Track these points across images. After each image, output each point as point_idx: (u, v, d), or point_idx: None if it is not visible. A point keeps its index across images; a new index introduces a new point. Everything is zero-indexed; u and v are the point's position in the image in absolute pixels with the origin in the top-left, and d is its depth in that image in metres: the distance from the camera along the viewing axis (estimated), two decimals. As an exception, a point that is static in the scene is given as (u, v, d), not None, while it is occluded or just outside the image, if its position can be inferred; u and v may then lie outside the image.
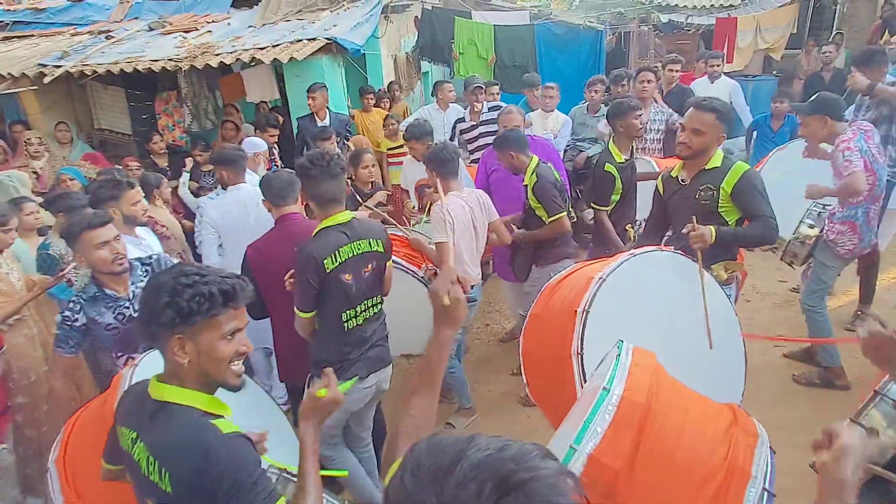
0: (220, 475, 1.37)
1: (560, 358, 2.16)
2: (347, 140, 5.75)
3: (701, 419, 1.48)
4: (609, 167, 3.67)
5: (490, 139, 5.06)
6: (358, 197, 4.22)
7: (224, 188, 3.74)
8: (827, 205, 3.63)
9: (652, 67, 5.30)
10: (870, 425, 1.65)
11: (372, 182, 4.44)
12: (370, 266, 2.56)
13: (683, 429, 1.48)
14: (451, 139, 5.46)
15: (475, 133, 5.36)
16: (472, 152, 5.36)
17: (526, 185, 3.57)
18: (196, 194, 5.30)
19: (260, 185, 2.96)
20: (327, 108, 5.79)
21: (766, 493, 1.33)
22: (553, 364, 2.24)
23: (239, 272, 1.81)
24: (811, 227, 3.56)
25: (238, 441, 1.44)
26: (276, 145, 5.56)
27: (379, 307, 2.71)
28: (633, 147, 3.86)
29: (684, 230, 2.62)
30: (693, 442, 1.38)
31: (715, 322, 2.46)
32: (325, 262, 2.42)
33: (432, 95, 6.46)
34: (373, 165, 4.30)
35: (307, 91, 5.70)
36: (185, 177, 5.56)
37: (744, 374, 2.57)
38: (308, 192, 2.53)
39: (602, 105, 5.57)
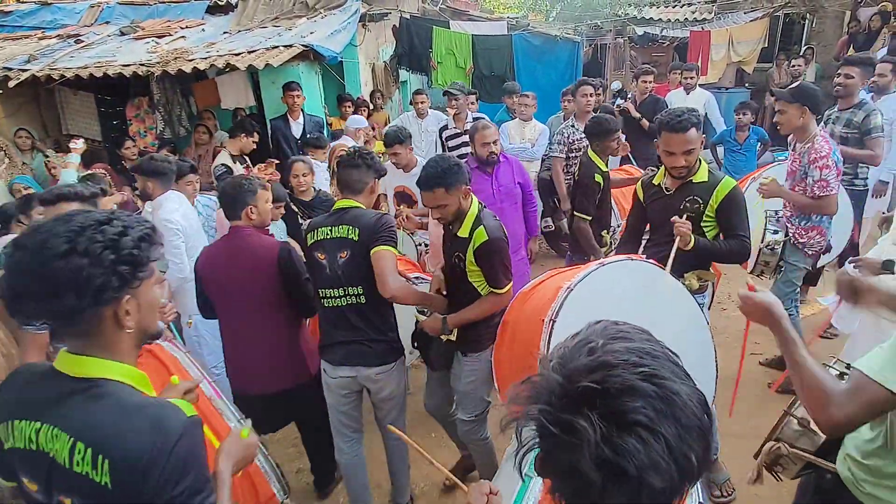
0: (180, 464, 1.15)
1: (528, 367, 2.15)
2: None
3: None
4: (598, 177, 3.74)
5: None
6: (294, 207, 4.13)
7: (143, 200, 3.60)
8: (778, 209, 3.59)
9: (591, 81, 5.30)
10: (803, 415, 1.73)
11: (310, 189, 4.30)
12: (345, 252, 2.57)
13: None
14: (443, 147, 5.42)
15: (459, 141, 5.34)
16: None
17: (463, 239, 2.59)
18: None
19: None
20: (301, 109, 5.74)
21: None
22: (522, 372, 2.22)
23: None
24: (775, 232, 3.57)
25: (199, 430, 1.24)
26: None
27: (362, 300, 2.60)
28: (607, 158, 3.92)
29: (672, 219, 2.67)
30: None
31: (685, 330, 2.49)
32: (308, 236, 2.67)
33: (410, 104, 6.44)
34: (304, 175, 4.18)
35: (285, 89, 5.67)
36: None
37: (715, 382, 2.59)
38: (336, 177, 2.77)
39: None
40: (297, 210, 4.18)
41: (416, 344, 2.88)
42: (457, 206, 2.55)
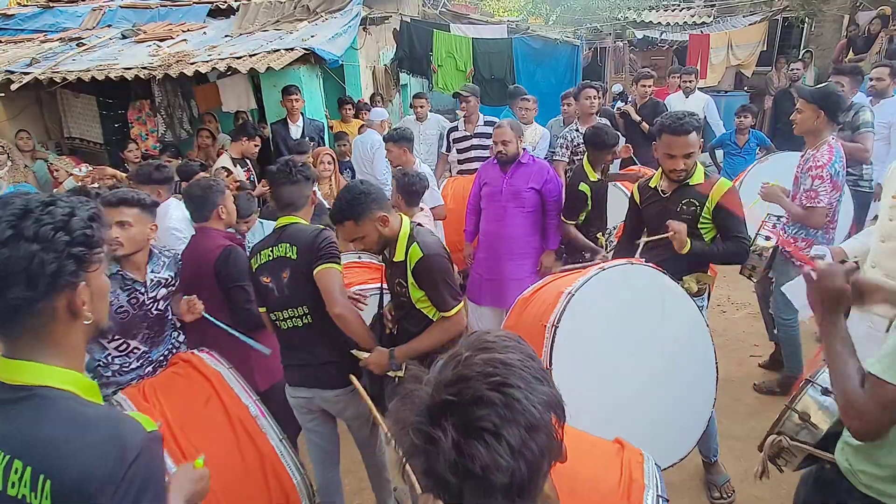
0: (135, 486, 1.01)
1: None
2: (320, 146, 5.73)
3: (590, 449, 1.60)
4: (583, 186, 3.76)
5: (483, 153, 5.08)
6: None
7: None
8: (781, 216, 3.54)
9: (594, 84, 5.22)
10: (802, 410, 1.80)
11: None
12: (286, 272, 2.43)
13: (576, 455, 1.56)
14: (448, 148, 5.43)
15: (467, 144, 5.35)
16: (461, 163, 5.36)
17: (400, 263, 2.41)
18: None
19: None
20: (301, 112, 5.77)
21: (660, 499, 1.51)
22: None
23: None
24: (767, 239, 3.54)
25: (159, 447, 1.12)
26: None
27: (310, 319, 2.45)
28: (606, 167, 3.92)
29: (667, 223, 2.68)
30: (589, 466, 1.51)
31: (685, 333, 2.51)
32: (252, 261, 2.56)
33: (410, 108, 6.48)
34: None
35: (283, 93, 5.68)
36: None
37: (715, 384, 2.61)
38: (272, 196, 2.65)
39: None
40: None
41: (367, 390, 2.45)
42: (376, 235, 2.37)
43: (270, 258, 2.48)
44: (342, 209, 2.32)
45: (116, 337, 2.47)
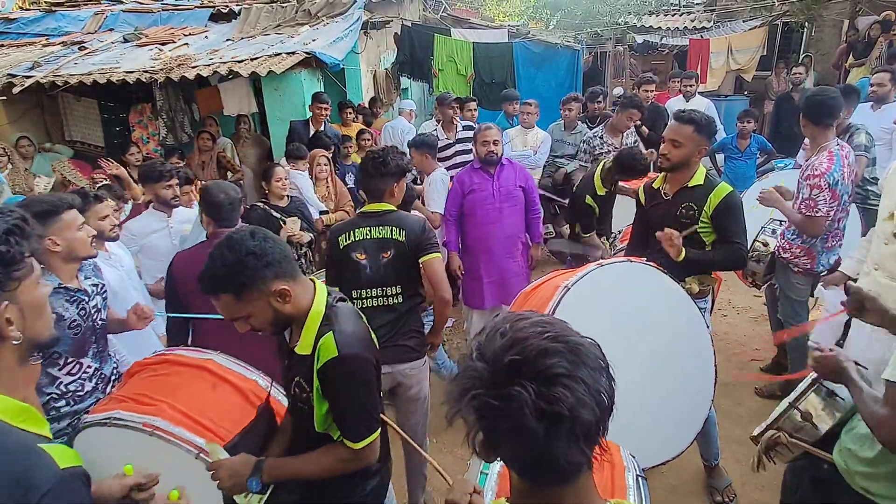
0: None
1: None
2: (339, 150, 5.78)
3: None
4: (589, 200, 3.84)
5: (468, 157, 5.09)
6: (273, 212, 4.14)
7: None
8: (783, 220, 3.53)
9: (637, 102, 5.11)
10: (805, 409, 1.85)
11: (286, 196, 4.30)
12: (388, 252, 2.62)
13: None
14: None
15: (451, 151, 5.37)
16: (448, 169, 5.36)
17: (302, 358, 1.65)
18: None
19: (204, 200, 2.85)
20: (325, 120, 5.89)
21: (639, 478, 1.63)
22: None
23: None
24: (765, 244, 3.52)
25: (76, 484, 1.00)
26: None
27: (400, 299, 2.67)
28: (616, 182, 3.97)
29: (657, 234, 2.70)
30: None
31: (683, 332, 2.54)
32: (340, 238, 2.65)
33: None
34: (285, 179, 4.23)
35: (314, 98, 5.86)
36: None
37: (713, 385, 2.62)
38: (361, 184, 2.81)
39: (578, 122, 5.64)
40: (277, 215, 4.17)
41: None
42: (269, 315, 1.59)
43: (368, 237, 2.63)
44: (212, 278, 1.54)
45: (69, 360, 2.24)
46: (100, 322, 2.40)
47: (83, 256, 2.32)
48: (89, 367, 2.33)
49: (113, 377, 2.44)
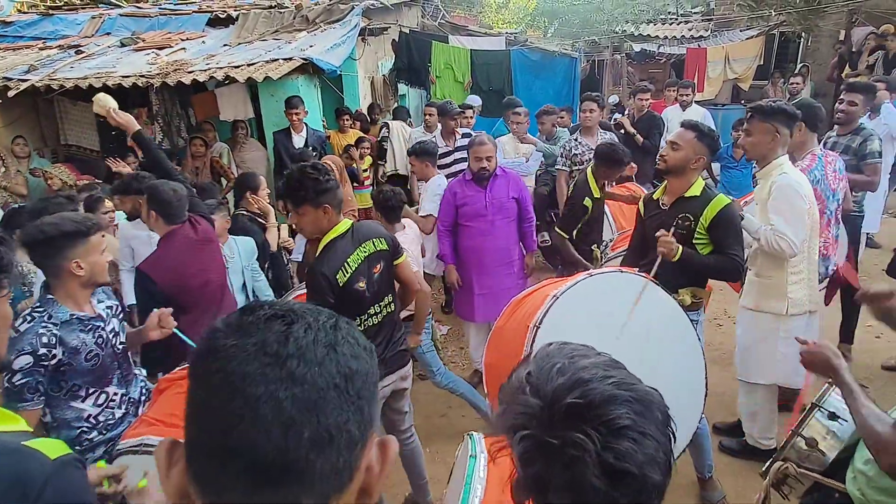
0: None
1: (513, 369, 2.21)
2: (321, 158, 5.72)
3: None
4: (587, 201, 3.80)
5: (465, 165, 5.08)
6: (258, 219, 4.13)
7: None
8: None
9: (594, 97, 5.37)
10: (810, 435, 1.78)
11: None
12: (378, 266, 2.61)
13: None
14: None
15: (451, 159, 5.36)
16: (448, 177, 5.36)
17: None
18: None
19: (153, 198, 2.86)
20: (304, 123, 5.78)
21: None
22: (508, 375, 2.27)
23: None
24: None
25: (71, 470, 1.02)
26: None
27: (392, 307, 2.72)
28: (606, 184, 3.96)
29: (656, 234, 2.70)
30: None
31: (672, 342, 2.52)
32: (338, 276, 2.45)
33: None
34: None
35: (286, 105, 5.72)
36: None
37: (703, 397, 2.59)
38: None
39: (556, 130, 5.80)
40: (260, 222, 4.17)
41: None
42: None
43: (361, 260, 2.54)
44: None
45: (90, 391, 2.18)
46: (119, 346, 2.30)
47: (101, 283, 2.23)
48: (115, 394, 2.27)
49: (143, 397, 2.39)
